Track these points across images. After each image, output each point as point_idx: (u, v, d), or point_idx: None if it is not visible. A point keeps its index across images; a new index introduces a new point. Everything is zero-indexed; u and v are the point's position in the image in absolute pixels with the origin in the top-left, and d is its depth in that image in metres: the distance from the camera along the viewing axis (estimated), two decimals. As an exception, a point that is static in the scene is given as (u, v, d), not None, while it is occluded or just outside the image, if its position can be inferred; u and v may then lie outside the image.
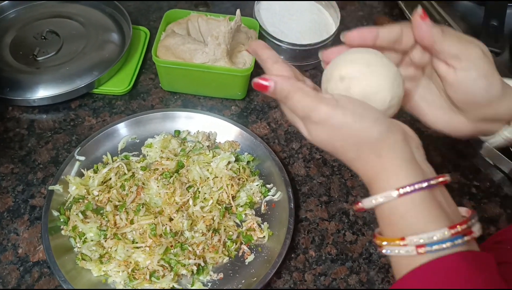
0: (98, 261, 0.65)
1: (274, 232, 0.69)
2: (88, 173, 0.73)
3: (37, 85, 0.81)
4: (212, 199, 0.70)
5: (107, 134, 0.77)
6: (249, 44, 0.51)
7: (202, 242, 0.67)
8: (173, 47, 0.81)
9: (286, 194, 0.71)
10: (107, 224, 0.68)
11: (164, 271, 0.64)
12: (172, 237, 0.67)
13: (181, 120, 0.80)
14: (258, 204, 0.73)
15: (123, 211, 0.68)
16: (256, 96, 0.87)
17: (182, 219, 0.68)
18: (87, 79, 0.83)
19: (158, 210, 0.69)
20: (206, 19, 0.87)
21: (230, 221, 0.70)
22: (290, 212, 0.69)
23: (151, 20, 0.98)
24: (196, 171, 0.72)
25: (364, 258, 0.69)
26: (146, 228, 0.67)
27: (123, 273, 0.64)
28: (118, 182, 0.72)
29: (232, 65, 0.80)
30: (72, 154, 0.74)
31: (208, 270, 0.66)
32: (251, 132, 0.78)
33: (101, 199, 0.70)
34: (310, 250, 0.70)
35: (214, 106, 0.85)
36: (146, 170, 0.73)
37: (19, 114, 0.82)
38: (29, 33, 0.89)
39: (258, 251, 0.68)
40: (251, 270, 0.66)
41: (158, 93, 0.86)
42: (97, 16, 0.93)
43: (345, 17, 1.01)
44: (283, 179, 0.73)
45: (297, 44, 0.86)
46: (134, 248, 0.65)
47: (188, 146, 0.77)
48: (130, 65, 0.88)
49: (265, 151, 0.76)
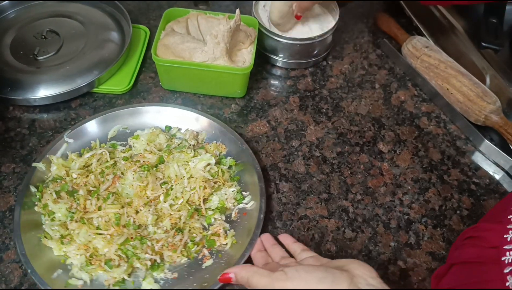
0: (59, 241, 0.66)
1: (238, 240, 0.68)
2: (72, 156, 0.74)
3: (37, 84, 0.82)
4: (183, 198, 0.70)
5: (100, 121, 0.79)
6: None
7: (162, 239, 0.67)
8: (173, 45, 0.81)
9: (259, 204, 0.70)
10: (77, 207, 0.69)
11: (120, 261, 0.64)
12: (135, 229, 0.67)
13: (173, 117, 0.80)
14: (230, 210, 0.72)
15: (94, 197, 0.69)
16: (256, 94, 0.88)
17: (148, 213, 0.68)
18: (88, 78, 0.83)
19: (127, 201, 0.70)
20: (205, 18, 0.87)
21: (197, 223, 0.69)
22: (258, 223, 0.68)
23: (151, 19, 0.98)
24: (173, 168, 0.72)
25: (364, 255, 0.70)
26: (111, 216, 0.68)
27: (81, 257, 0.65)
28: (98, 168, 0.73)
29: (231, 64, 0.80)
30: (62, 135, 0.76)
31: (164, 268, 0.66)
32: (239, 137, 0.77)
33: (78, 182, 0.71)
34: (309, 247, 0.69)
35: (214, 105, 0.85)
36: (127, 161, 0.73)
37: (20, 113, 0.82)
38: (29, 32, 0.90)
39: (218, 257, 0.67)
40: (205, 275, 0.65)
41: (158, 92, 0.87)
42: (97, 15, 0.94)
43: (345, 14, 1.01)
44: (259, 189, 0.71)
45: (297, 38, 0.86)
46: (96, 234, 0.66)
47: (174, 142, 0.77)
48: (130, 64, 0.88)
49: (249, 158, 0.75)
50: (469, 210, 0.75)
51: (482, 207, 0.76)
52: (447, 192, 0.77)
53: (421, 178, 0.78)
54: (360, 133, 0.83)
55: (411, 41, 0.91)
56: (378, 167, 0.79)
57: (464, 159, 0.81)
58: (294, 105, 0.86)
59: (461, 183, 0.78)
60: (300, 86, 0.89)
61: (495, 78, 0.84)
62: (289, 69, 0.92)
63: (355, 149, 0.81)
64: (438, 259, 0.69)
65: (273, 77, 0.91)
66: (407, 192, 0.76)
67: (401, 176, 0.78)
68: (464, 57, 0.88)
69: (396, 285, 0.67)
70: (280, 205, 0.74)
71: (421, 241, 0.71)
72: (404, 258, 0.69)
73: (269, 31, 0.86)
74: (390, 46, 0.95)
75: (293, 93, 0.88)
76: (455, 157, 0.81)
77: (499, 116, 0.80)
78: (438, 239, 0.72)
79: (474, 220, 0.74)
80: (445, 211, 0.75)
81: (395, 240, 0.71)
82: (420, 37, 0.91)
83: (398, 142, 0.82)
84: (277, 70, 0.92)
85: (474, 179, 0.79)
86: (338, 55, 0.95)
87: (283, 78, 0.91)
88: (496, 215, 0.61)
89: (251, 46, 0.84)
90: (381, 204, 0.75)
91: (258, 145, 0.81)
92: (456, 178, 0.78)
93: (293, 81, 0.90)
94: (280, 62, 0.91)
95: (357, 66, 0.93)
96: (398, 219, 0.73)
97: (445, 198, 0.76)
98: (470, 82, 0.82)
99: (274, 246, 0.66)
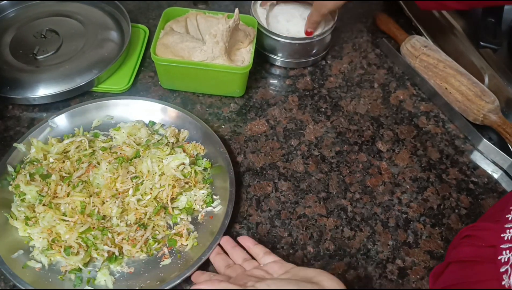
0: (24, 221, 0.67)
1: (200, 243, 0.68)
2: (52, 141, 0.75)
3: (37, 83, 0.82)
4: (151, 195, 0.70)
5: (85, 110, 0.80)
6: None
7: (123, 232, 0.67)
8: (172, 45, 0.81)
9: (225, 209, 0.70)
10: (48, 191, 0.69)
11: (80, 249, 0.65)
12: (98, 219, 0.68)
13: (158, 113, 0.81)
14: (197, 212, 0.72)
15: (66, 183, 0.70)
16: (255, 93, 0.88)
17: (113, 206, 0.68)
18: (87, 77, 0.83)
19: (96, 191, 0.70)
20: (204, 17, 0.87)
21: (162, 221, 0.69)
22: (222, 228, 0.68)
23: (151, 18, 0.98)
24: (146, 164, 0.72)
25: (362, 253, 0.70)
26: (78, 204, 0.68)
27: (43, 240, 0.66)
28: (76, 155, 0.73)
29: (230, 63, 0.80)
30: (46, 119, 0.77)
31: (122, 261, 0.66)
32: (217, 139, 0.77)
33: (53, 167, 0.72)
34: (308, 246, 0.70)
35: (213, 104, 0.86)
36: (105, 151, 0.74)
37: (19, 112, 0.83)
38: (28, 32, 0.90)
39: (176, 257, 0.67)
40: (160, 273, 0.65)
41: (157, 91, 0.87)
42: (97, 14, 0.94)
43: (344, 14, 1.01)
44: (229, 194, 0.71)
45: (296, 37, 0.86)
46: (60, 219, 0.67)
47: (154, 138, 0.77)
48: (130, 63, 0.88)
49: (225, 162, 0.74)
50: (467, 209, 0.75)
51: (480, 206, 0.76)
52: (446, 191, 0.77)
53: (419, 177, 0.78)
54: (359, 132, 0.83)
55: (410, 40, 0.91)
56: (376, 166, 0.79)
57: (462, 158, 0.81)
58: (293, 104, 0.87)
59: (459, 182, 0.78)
60: (299, 85, 0.90)
61: (494, 78, 0.84)
62: (288, 69, 0.92)
63: (354, 148, 0.81)
64: (437, 258, 0.69)
65: (272, 77, 0.91)
66: (405, 191, 0.77)
67: (399, 175, 0.78)
68: (463, 56, 0.88)
69: (395, 283, 0.67)
70: (279, 203, 0.74)
71: (420, 240, 0.71)
72: (403, 257, 0.69)
73: (268, 30, 0.86)
74: (389, 45, 0.95)
75: (292, 92, 0.88)
76: (454, 156, 0.81)
77: (497, 115, 0.80)
78: (436, 238, 0.72)
79: (472, 219, 0.74)
80: (443, 210, 0.75)
81: (393, 239, 0.71)
82: (419, 37, 0.92)
83: (396, 141, 0.82)
84: (276, 69, 0.92)
85: (472, 178, 0.79)
86: (337, 54, 0.95)
87: (282, 78, 0.91)
88: (494, 214, 0.61)
89: (250, 46, 0.84)
90: (380, 203, 0.75)
91: (257, 144, 0.81)
92: (455, 177, 0.79)
93: (292, 81, 0.90)
94: (279, 62, 0.91)
95: (356, 66, 0.94)
96: (397, 218, 0.73)
97: (443, 197, 0.76)
98: (468, 82, 0.82)
99: (235, 248, 0.65)
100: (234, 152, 0.80)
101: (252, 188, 0.76)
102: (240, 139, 0.81)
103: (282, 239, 0.71)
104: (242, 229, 0.72)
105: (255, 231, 0.71)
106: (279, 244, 0.70)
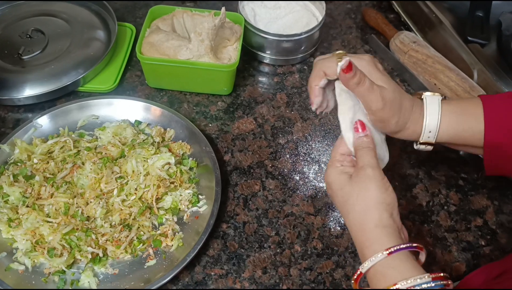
0: (7, 223, 0.66)
1: (185, 243, 0.68)
2: (36, 141, 0.75)
3: (22, 84, 0.81)
4: (136, 195, 0.70)
5: (70, 110, 0.79)
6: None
7: (107, 233, 0.67)
8: (157, 43, 0.80)
9: (211, 209, 0.69)
10: (31, 192, 0.69)
11: (64, 251, 0.64)
12: (82, 220, 0.67)
13: (144, 112, 0.80)
14: (183, 212, 0.71)
15: (50, 184, 0.69)
16: (243, 91, 0.87)
17: (97, 206, 0.68)
18: (73, 77, 0.82)
19: (80, 192, 0.70)
20: (191, 15, 0.86)
21: (147, 222, 0.69)
22: (207, 228, 0.67)
23: (138, 17, 0.98)
24: (131, 164, 0.72)
25: (350, 252, 0.69)
26: (61, 205, 0.68)
27: (26, 242, 0.65)
28: (60, 156, 0.73)
29: (216, 61, 0.79)
30: (31, 119, 0.77)
31: (106, 263, 0.66)
32: (203, 138, 0.76)
33: (38, 167, 0.72)
34: (295, 245, 0.70)
35: (200, 102, 0.85)
36: (90, 151, 0.73)
37: (4, 113, 0.82)
38: (14, 32, 0.89)
39: (161, 258, 0.67)
40: (145, 274, 0.65)
41: (144, 90, 0.86)
42: (83, 13, 0.93)
43: (333, 10, 1.01)
44: (215, 194, 0.70)
45: (284, 34, 0.86)
46: (44, 221, 0.66)
47: (140, 138, 0.76)
48: (116, 63, 0.88)
49: (211, 161, 0.74)
50: (456, 206, 0.75)
51: (469, 202, 0.75)
52: (435, 187, 0.76)
53: (408, 174, 0.78)
54: (348, 130, 0.83)
55: (398, 36, 0.90)
56: (365, 164, 0.78)
57: (452, 155, 0.80)
58: (281, 102, 0.86)
59: (448, 179, 0.77)
60: (287, 82, 0.89)
61: (483, 73, 0.83)
62: (276, 66, 0.91)
63: (342, 145, 0.80)
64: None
65: (260, 74, 0.90)
66: (394, 188, 0.75)
67: (388, 172, 0.77)
68: (452, 52, 0.87)
69: (383, 281, 0.66)
70: (266, 202, 0.73)
71: (409, 237, 0.70)
72: (391, 254, 0.69)
73: (255, 27, 0.86)
74: (378, 41, 0.94)
75: (280, 90, 0.88)
76: (443, 153, 0.80)
77: (486, 111, 0.80)
78: (425, 235, 0.71)
79: (461, 215, 0.74)
80: (432, 207, 0.74)
81: (381, 237, 0.71)
82: (408, 33, 0.91)
83: (385, 138, 0.82)
84: (264, 67, 0.91)
85: (462, 174, 0.78)
86: (325, 51, 0.94)
87: (270, 75, 0.90)
88: None
89: (236, 43, 0.83)
90: (368, 201, 0.74)
91: (244, 143, 0.80)
92: (444, 174, 0.78)
93: (280, 78, 0.90)
94: (267, 59, 0.90)
95: (345, 62, 0.93)
96: (385, 216, 0.73)
97: (432, 193, 0.76)
98: (457, 77, 0.82)
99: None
100: (222, 150, 0.79)
101: (240, 187, 0.75)
102: (228, 138, 0.81)
103: (269, 238, 0.70)
104: (229, 228, 0.71)
105: (242, 230, 0.71)
106: (266, 243, 0.70)
